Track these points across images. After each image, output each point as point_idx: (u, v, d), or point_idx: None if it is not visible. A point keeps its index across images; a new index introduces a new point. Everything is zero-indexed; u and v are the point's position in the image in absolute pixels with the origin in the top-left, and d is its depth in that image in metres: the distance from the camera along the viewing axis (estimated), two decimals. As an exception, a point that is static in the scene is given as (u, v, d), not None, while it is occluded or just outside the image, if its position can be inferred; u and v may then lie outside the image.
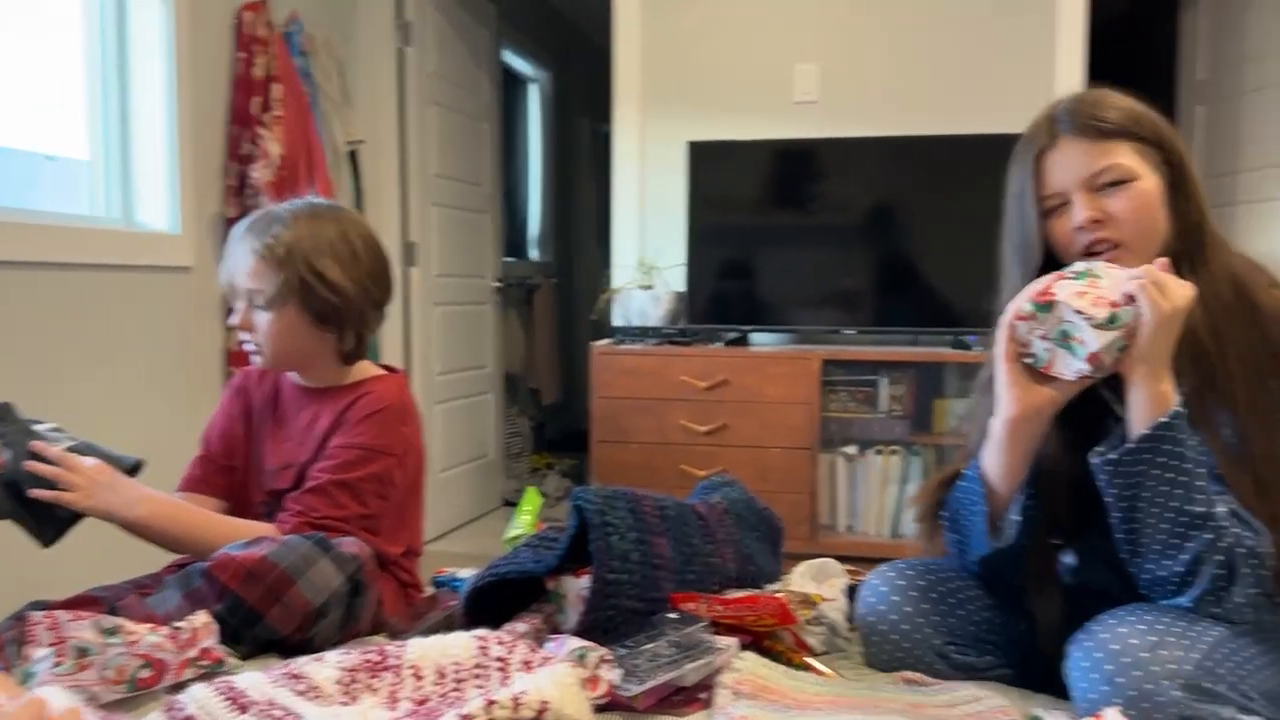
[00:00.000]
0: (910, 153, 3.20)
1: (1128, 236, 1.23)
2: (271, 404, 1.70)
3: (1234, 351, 1.19)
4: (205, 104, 2.76)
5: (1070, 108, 1.26)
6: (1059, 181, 1.26)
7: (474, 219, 4.22)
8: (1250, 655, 1.11)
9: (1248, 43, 3.57)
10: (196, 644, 1.23)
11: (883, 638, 1.35)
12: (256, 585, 1.30)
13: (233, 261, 1.59)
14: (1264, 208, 3.49)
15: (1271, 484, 1.15)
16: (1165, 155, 1.24)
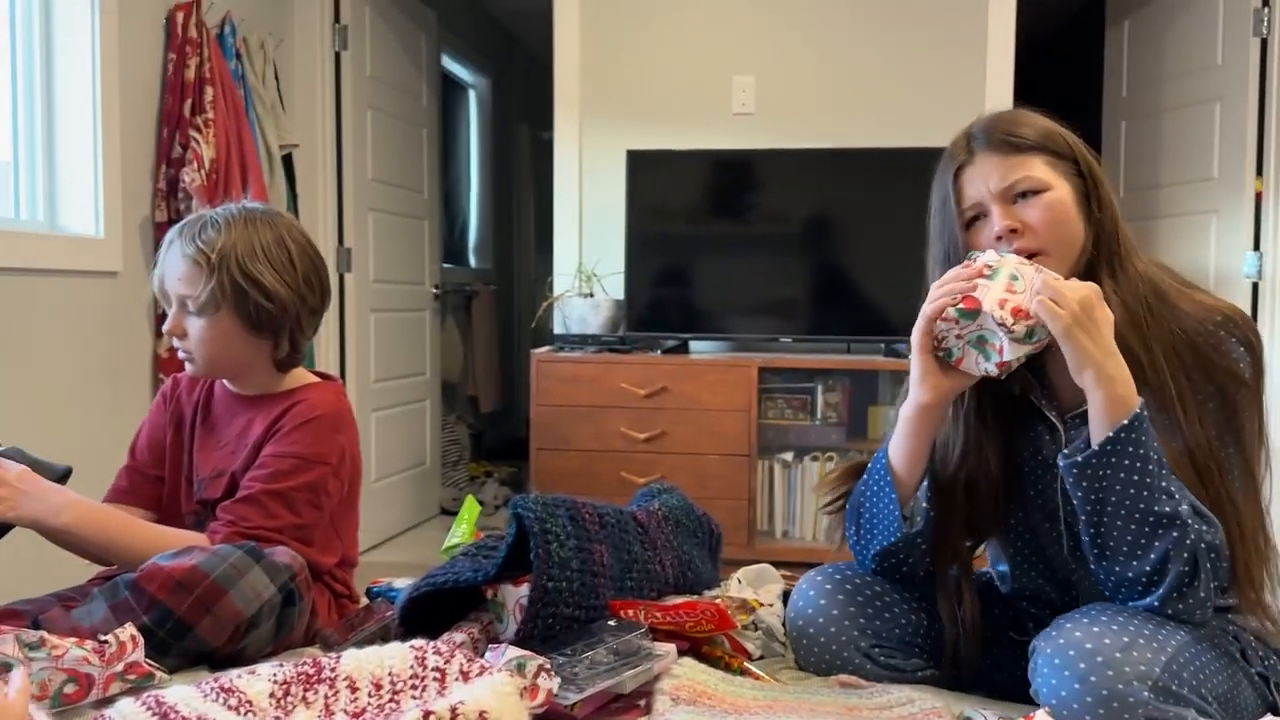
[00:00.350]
0: (845, 164, 3.25)
1: (1045, 244, 1.28)
2: (203, 411, 1.66)
3: (1159, 348, 1.23)
4: (134, 106, 2.70)
5: (986, 125, 1.31)
6: (977, 193, 1.31)
7: (412, 225, 4.19)
8: (1208, 660, 1.15)
9: (1167, 63, 3.69)
10: (123, 658, 1.20)
11: (811, 640, 1.37)
12: (186, 595, 1.27)
13: (164, 266, 1.56)
14: (1184, 220, 3.61)
15: (1207, 473, 1.20)
16: (1077, 167, 1.30)
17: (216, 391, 1.67)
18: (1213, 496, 1.19)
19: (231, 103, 2.90)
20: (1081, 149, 1.31)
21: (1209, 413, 1.23)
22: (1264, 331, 3.25)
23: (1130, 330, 1.24)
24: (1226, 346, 1.24)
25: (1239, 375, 1.23)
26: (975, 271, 1.23)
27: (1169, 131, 3.69)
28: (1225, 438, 1.23)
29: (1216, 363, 1.23)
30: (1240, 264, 3.31)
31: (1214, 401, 1.23)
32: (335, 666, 1.15)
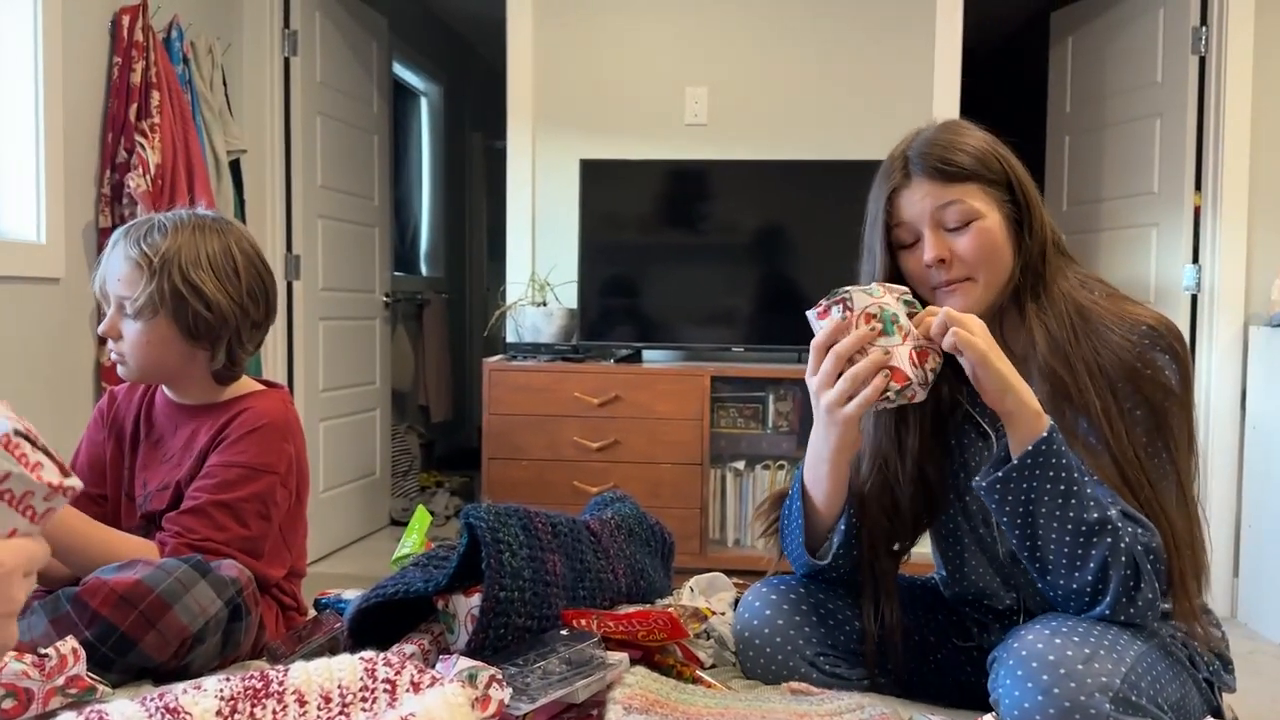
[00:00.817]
0: (796, 176, 3.28)
1: (974, 271, 1.31)
2: (145, 424, 1.63)
3: (1082, 367, 1.26)
4: (78, 110, 2.65)
5: (922, 150, 1.32)
6: (910, 218, 1.33)
7: (362, 232, 4.15)
8: (1163, 669, 1.17)
9: (1109, 79, 3.78)
10: (64, 671, 1.17)
11: (757, 651, 1.38)
12: (129, 611, 1.25)
13: (107, 266, 1.53)
14: (1125, 234, 3.70)
15: (1136, 484, 1.22)
16: (1011, 192, 1.32)
17: (158, 402, 1.64)
18: (1145, 509, 1.21)
19: (178, 107, 2.86)
20: (1017, 173, 1.32)
21: (1137, 426, 1.24)
22: (1201, 342, 3.34)
23: (1053, 352, 1.27)
24: (1152, 357, 1.25)
25: (1166, 386, 1.25)
26: (867, 335, 1.23)
27: (1111, 146, 3.78)
28: (1156, 449, 1.25)
29: (1143, 375, 1.25)
30: (1180, 276, 3.39)
31: (1142, 414, 1.25)
32: (283, 680, 1.14)
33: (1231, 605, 3.27)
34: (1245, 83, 3.23)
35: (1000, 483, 1.19)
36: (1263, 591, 3.11)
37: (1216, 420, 3.29)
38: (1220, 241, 3.27)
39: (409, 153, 5.47)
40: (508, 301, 3.49)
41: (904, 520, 1.41)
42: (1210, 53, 3.31)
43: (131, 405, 1.65)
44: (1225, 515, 3.29)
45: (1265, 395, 3.14)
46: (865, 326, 1.23)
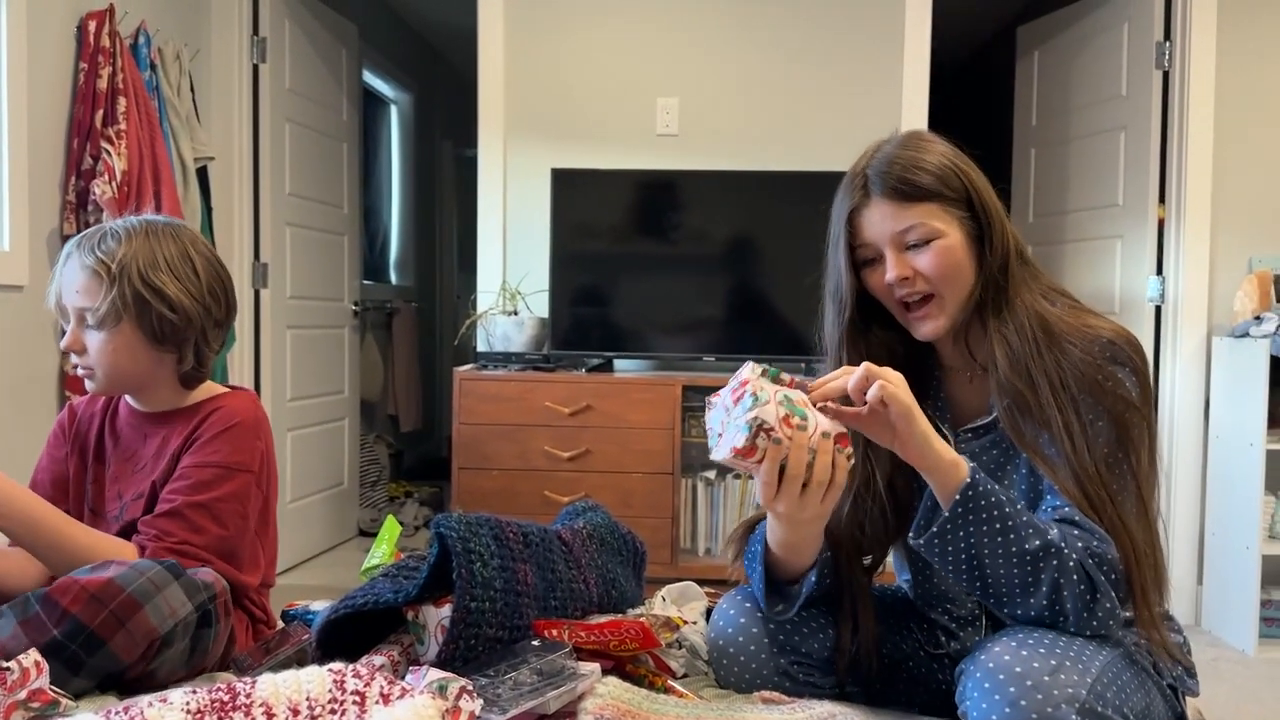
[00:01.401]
0: (766, 186, 3.30)
1: (936, 288, 1.32)
2: (110, 437, 1.61)
3: (1044, 379, 1.26)
4: (43, 115, 2.61)
5: (882, 169, 1.31)
6: (872, 237, 1.33)
7: (331, 240, 4.12)
8: (1128, 679, 1.17)
9: (1074, 93, 3.83)
10: (26, 685, 1.15)
11: (731, 660, 1.39)
12: (100, 609, 1.23)
13: (62, 279, 1.51)
14: (1089, 245, 3.74)
15: (1096, 498, 1.22)
16: (970, 210, 1.32)
17: (122, 414, 1.62)
18: (1107, 523, 1.21)
19: (145, 114, 2.83)
20: (977, 188, 1.32)
21: (1099, 439, 1.25)
22: (1165, 353, 3.38)
23: (1014, 366, 1.28)
24: (1112, 371, 1.26)
25: (1127, 399, 1.25)
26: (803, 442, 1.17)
27: (1076, 159, 3.83)
28: (1116, 462, 1.25)
29: (1104, 388, 1.25)
30: (1144, 288, 3.44)
31: (1104, 427, 1.25)
32: (250, 692, 1.12)
33: (1195, 613, 3.31)
34: (1208, 97, 3.29)
35: (936, 537, 1.19)
36: (1226, 599, 3.15)
37: (1180, 430, 3.34)
38: (1183, 253, 3.32)
39: (379, 161, 5.45)
40: (478, 310, 3.47)
41: (876, 533, 1.41)
42: (1174, 67, 3.36)
43: (94, 418, 1.63)
44: (1189, 524, 3.33)
45: (1228, 405, 3.19)
46: (791, 433, 1.16)
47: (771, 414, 1.15)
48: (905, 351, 1.41)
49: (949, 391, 1.42)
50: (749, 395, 1.16)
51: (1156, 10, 3.39)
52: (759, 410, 1.15)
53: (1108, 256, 3.65)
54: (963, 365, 1.40)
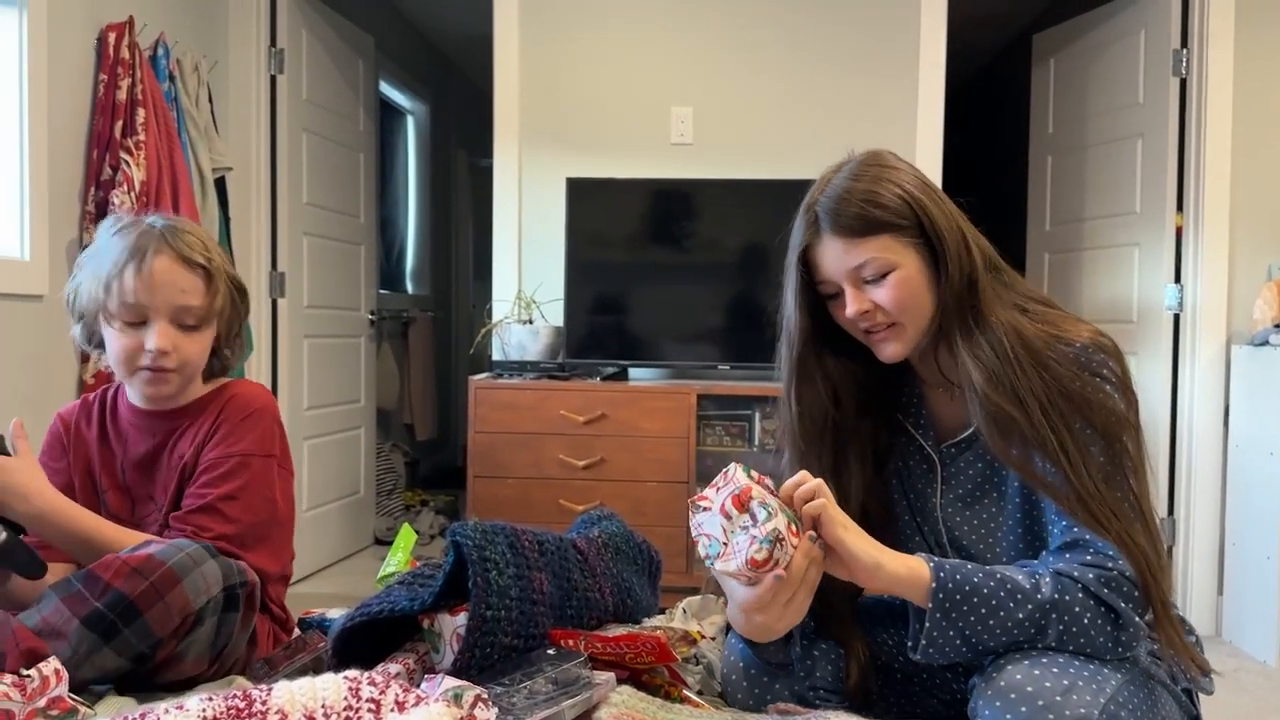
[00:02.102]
0: (781, 195, 3.27)
1: (897, 317, 1.30)
2: (116, 442, 1.59)
3: (1033, 399, 1.23)
4: (63, 126, 2.64)
5: (830, 207, 1.30)
6: (828, 273, 1.32)
7: (348, 250, 4.14)
8: (1143, 698, 1.16)
9: (1090, 100, 3.82)
10: (46, 693, 1.16)
11: (745, 694, 1.37)
12: (140, 580, 1.26)
13: (149, 276, 1.48)
14: (1106, 253, 3.73)
15: (1102, 515, 1.20)
16: (925, 238, 1.29)
17: (123, 415, 1.60)
18: (1115, 538, 1.19)
19: (164, 125, 2.85)
20: (930, 214, 1.28)
21: (1093, 456, 1.22)
22: (1184, 362, 3.36)
23: (995, 386, 1.24)
24: (1095, 383, 1.24)
25: (1114, 410, 1.23)
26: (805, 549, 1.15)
27: (1093, 167, 3.81)
28: (1114, 476, 1.22)
29: (1090, 402, 1.22)
30: (1162, 296, 3.42)
31: (1096, 443, 1.22)
32: (266, 699, 1.13)
33: (1216, 623, 3.28)
34: (1226, 104, 3.27)
35: (930, 646, 1.17)
36: (1246, 610, 3.13)
37: (1199, 439, 3.31)
38: (1202, 261, 3.30)
39: (395, 171, 5.47)
40: (494, 319, 3.48)
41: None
42: (1191, 74, 3.34)
43: (89, 424, 1.61)
44: (1209, 534, 3.30)
45: (1247, 414, 3.16)
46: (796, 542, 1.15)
47: (783, 525, 1.14)
48: (874, 373, 1.39)
49: (930, 407, 1.40)
50: (759, 506, 1.14)
51: (1173, 17, 3.38)
52: (775, 522, 1.13)
53: (1125, 264, 3.63)
54: (937, 379, 1.39)
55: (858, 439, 1.37)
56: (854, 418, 1.38)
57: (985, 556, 1.34)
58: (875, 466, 1.39)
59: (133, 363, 1.51)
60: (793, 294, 1.35)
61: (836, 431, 1.36)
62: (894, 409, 1.42)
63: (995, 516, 1.34)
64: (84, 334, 1.56)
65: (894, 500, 1.41)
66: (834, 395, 1.37)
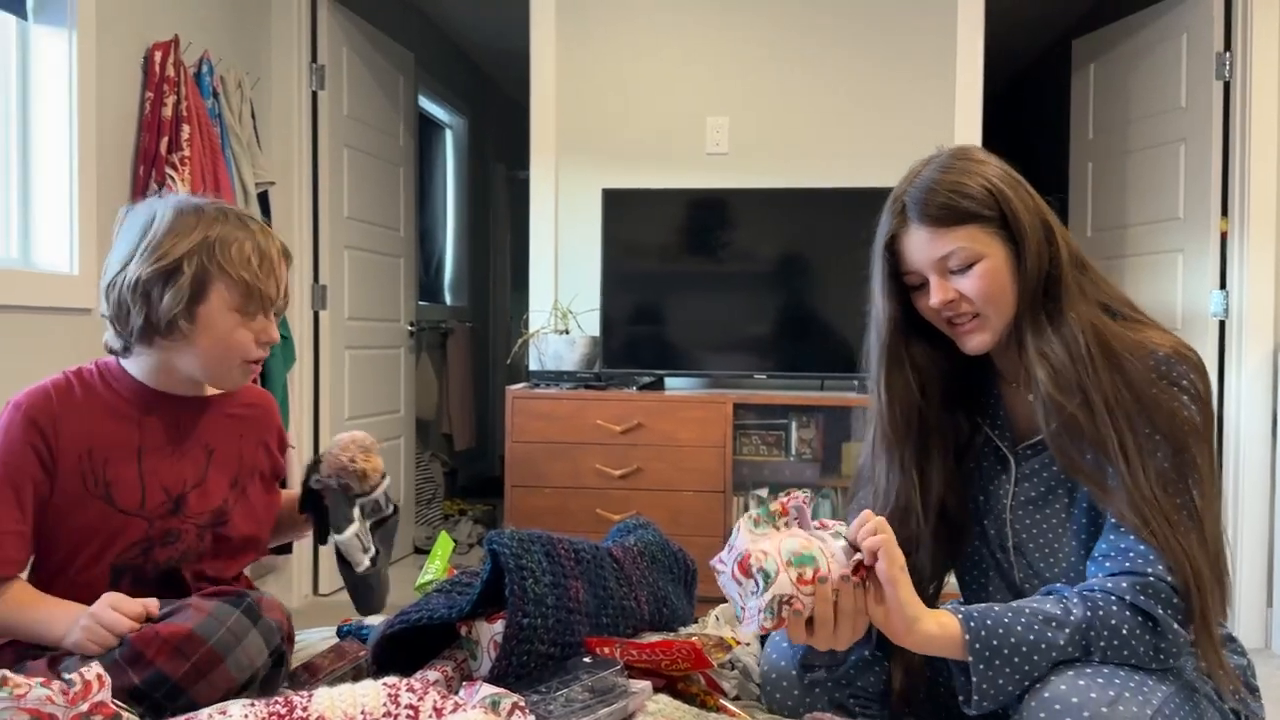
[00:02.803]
0: (817, 203, 3.29)
1: (981, 309, 1.30)
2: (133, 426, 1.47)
3: (1099, 400, 1.22)
4: (111, 143, 2.70)
5: (918, 196, 1.30)
6: (914, 263, 1.32)
7: (388, 262, 4.19)
8: (1189, 711, 1.14)
9: (1132, 105, 3.77)
10: (88, 697, 1.18)
11: (784, 694, 1.37)
12: (183, 662, 1.25)
13: (277, 272, 1.47)
14: (1149, 260, 3.68)
15: (1155, 522, 1.18)
16: (1009, 230, 1.29)
17: (132, 397, 1.49)
18: (1163, 546, 1.17)
19: (208, 141, 2.90)
20: (1013, 207, 1.28)
21: (1156, 463, 1.20)
22: (1230, 368, 3.30)
23: (1060, 385, 1.24)
24: (1170, 388, 1.22)
25: (1186, 420, 1.21)
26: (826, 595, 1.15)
27: (1134, 172, 3.77)
28: (1175, 483, 1.21)
29: (1162, 409, 1.21)
30: (1206, 303, 3.37)
31: (1162, 450, 1.21)
32: (307, 705, 1.14)
33: (1265, 635, 3.22)
34: (1271, 107, 3.22)
35: (982, 696, 1.16)
36: (1297, 622, 3.06)
37: (1246, 448, 3.25)
38: (1247, 266, 3.25)
39: (434, 184, 5.53)
40: (530, 330, 3.50)
41: (926, 557, 1.38)
42: (1235, 77, 3.30)
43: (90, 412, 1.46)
44: (1257, 544, 3.24)
45: (1296, 422, 3.10)
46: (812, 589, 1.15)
47: (787, 586, 1.13)
48: (956, 367, 1.39)
49: (1008, 407, 1.40)
50: (758, 575, 1.14)
51: (1216, 20, 3.33)
52: (774, 590, 1.13)
53: (1169, 271, 3.58)
54: (1019, 376, 1.37)
55: (940, 432, 1.38)
56: (939, 410, 1.38)
57: (1047, 562, 1.34)
58: (956, 462, 1.40)
59: (245, 354, 1.46)
60: (880, 283, 1.36)
61: (922, 422, 1.37)
62: (973, 407, 1.42)
63: (1064, 523, 1.32)
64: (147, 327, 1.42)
65: (966, 497, 1.41)
66: (921, 385, 1.37)
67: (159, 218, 1.43)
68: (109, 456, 1.44)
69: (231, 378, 1.50)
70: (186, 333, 1.42)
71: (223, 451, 1.55)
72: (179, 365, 1.48)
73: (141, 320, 1.42)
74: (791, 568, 1.14)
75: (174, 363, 1.48)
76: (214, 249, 1.41)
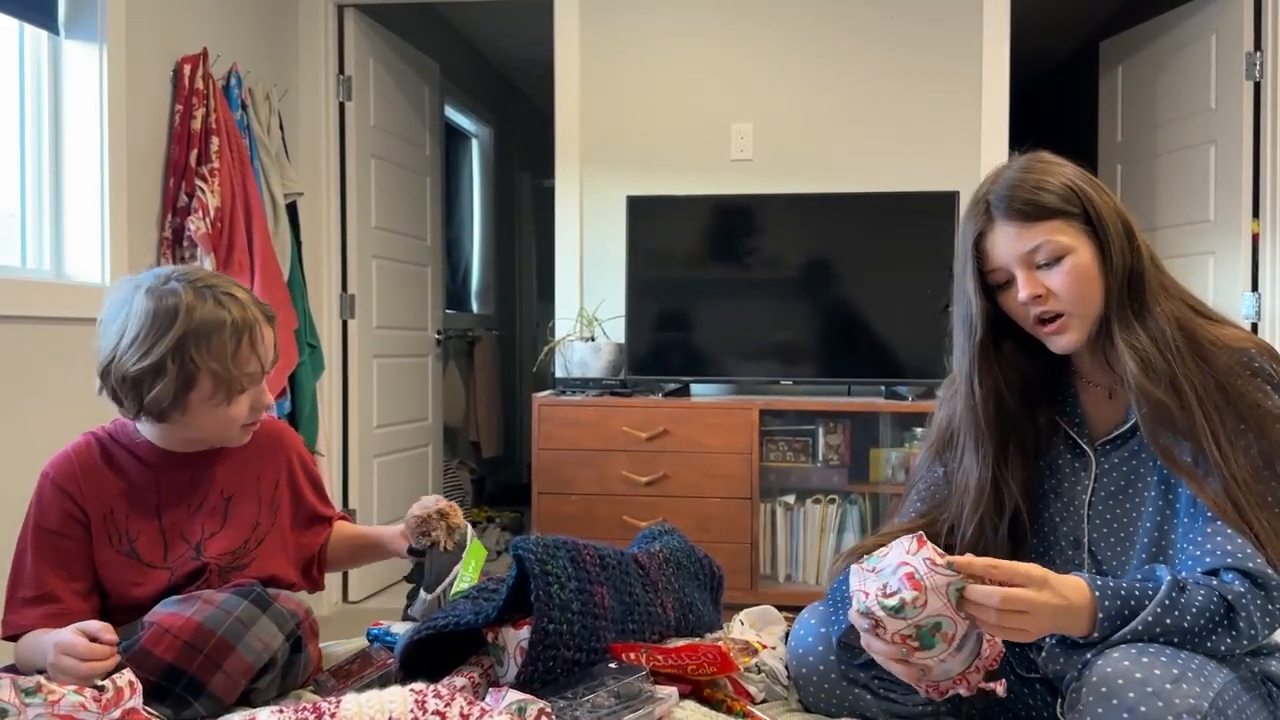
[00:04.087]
0: (842, 209, 3.28)
1: (1068, 306, 1.31)
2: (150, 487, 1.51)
3: (1189, 389, 1.25)
4: (141, 155, 2.73)
5: (1003, 194, 1.32)
6: (1001, 260, 1.34)
7: (415, 271, 4.22)
8: (1247, 701, 1.15)
9: (1161, 107, 3.74)
10: (120, 704, 1.19)
11: (810, 670, 1.39)
12: (195, 654, 1.26)
13: (265, 346, 1.50)
14: (1179, 262, 3.63)
15: (1247, 508, 1.20)
16: (1092, 227, 1.31)
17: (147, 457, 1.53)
18: (1258, 534, 1.19)
19: (237, 152, 2.94)
20: (1095, 205, 1.32)
21: (1244, 451, 1.23)
22: (1264, 372, 3.25)
23: (1150, 375, 1.26)
24: (1257, 383, 1.25)
25: (1272, 412, 1.24)
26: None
27: (1164, 175, 3.73)
28: (1264, 474, 1.23)
29: (1248, 400, 1.24)
30: (1238, 305, 3.33)
31: (1249, 439, 1.24)
32: (335, 711, 1.15)
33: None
34: (1302, 107, 3.17)
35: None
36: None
37: None
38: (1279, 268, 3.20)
39: (460, 193, 5.56)
40: (556, 337, 3.51)
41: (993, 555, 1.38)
42: (1265, 77, 3.26)
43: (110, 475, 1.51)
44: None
45: (1332, 425, 3.05)
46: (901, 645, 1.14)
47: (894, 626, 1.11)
48: (1039, 367, 1.41)
49: (1085, 404, 1.42)
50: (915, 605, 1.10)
51: (1246, 20, 3.30)
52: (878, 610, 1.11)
53: (1200, 273, 3.53)
54: (1100, 377, 1.40)
55: (1021, 431, 1.40)
56: (1020, 409, 1.40)
57: (1118, 558, 1.35)
58: (1035, 458, 1.41)
59: (241, 422, 1.51)
60: (970, 281, 1.37)
61: (1006, 420, 1.39)
62: (1050, 406, 1.44)
63: (1135, 521, 1.35)
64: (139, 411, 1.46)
65: (1038, 492, 1.42)
66: (1007, 384, 1.39)
67: (135, 311, 1.46)
68: (130, 515, 1.49)
69: (233, 439, 1.54)
70: (181, 418, 1.47)
71: (241, 495, 1.57)
72: (182, 435, 1.52)
73: (137, 408, 1.46)
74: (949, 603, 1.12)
75: (177, 434, 1.52)
76: (193, 346, 1.42)
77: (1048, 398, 1.43)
